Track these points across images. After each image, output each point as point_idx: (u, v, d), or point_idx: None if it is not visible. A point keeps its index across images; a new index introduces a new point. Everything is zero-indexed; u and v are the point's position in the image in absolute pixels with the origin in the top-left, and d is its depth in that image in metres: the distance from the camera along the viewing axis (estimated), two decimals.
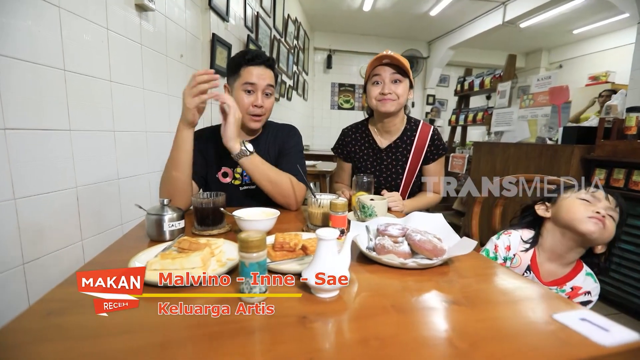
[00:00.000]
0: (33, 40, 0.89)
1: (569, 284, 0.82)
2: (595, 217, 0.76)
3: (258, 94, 1.04)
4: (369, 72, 1.20)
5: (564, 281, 0.83)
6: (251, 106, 1.04)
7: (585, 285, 0.81)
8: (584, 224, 0.77)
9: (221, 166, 1.11)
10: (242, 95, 1.04)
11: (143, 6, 1.33)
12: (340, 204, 0.71)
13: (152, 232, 0.71)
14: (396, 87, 1.16)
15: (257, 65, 1.04)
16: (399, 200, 1.09)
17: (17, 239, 0.88)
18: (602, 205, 0.79)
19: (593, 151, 2.03)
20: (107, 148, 1.21)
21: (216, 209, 0.76)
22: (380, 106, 1.18)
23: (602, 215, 0.76)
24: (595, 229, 0.76)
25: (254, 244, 0.45)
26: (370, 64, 1.19)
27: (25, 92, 0.88)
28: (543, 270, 0.85)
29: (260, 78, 1.03)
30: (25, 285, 0.91)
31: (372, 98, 1.19)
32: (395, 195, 1.09)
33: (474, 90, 3.38)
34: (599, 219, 0.76)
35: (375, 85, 1.19)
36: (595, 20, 4.96)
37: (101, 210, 1.19)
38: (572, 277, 0.82)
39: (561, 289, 0.82)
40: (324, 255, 0.49)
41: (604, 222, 0.76)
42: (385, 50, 1.17)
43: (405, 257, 0.61)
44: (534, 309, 0.47)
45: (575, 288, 0.81)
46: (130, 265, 0.54)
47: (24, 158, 0.88)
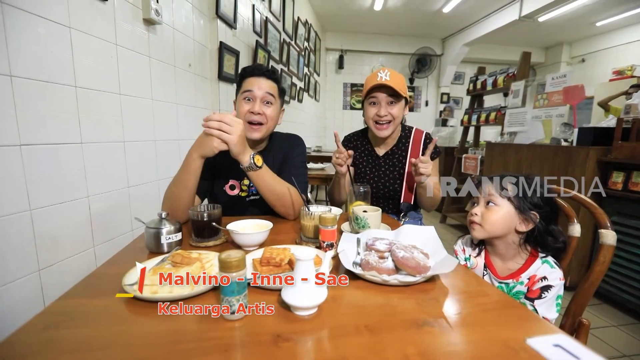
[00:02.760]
0: (46, 60, 0.95)
1: (524, 275, 0.86)
2: (470, 223, 0.90)
3: (256, 101, 1.07)
4: (366, 90, 1.24)
5: (518, 273, 0.86)
6: (248, 112, 1.07)
7: (540, 272, 0.84)
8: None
9: (229, 179, 1.15)
10: (242, 103, 1.08)
11: (151, 20, 1.39)
12: (330, 217, 0.72)
13: (150, 244, 0.75)
14: (392, 108, 1.22)
15: (256, 76, 1.09)
16: (429, 163, 1.13)
17: (32, 247, 0.94)
18: (482, 200, 0.89)
19: (610, 153, 1.95)
20: (117, 158, 1.27)
21: (211, 222, 0.80)
22: (377, 132, 1.26)
23: (471, 219, 0.89)
24: (474, 233, 0.89)
25: (233, 264, 0.48)
26: (368, 82, 1.23)
27: (39, 109, 0.94)
28: (498, 268, 0.91)
29: (258, 87, 1.07)
30: (41, 290, 0.98)
31: (370, 118, 1.26)
32: (425, 158, 1.13)
33: (487, 89, 3.29)
34: (472, 224, 0.89)
35: (372, 105, 1.25)
36: (620, 12, 4.72)
37: (112, 217, 1.25)
38: (526, 268, 0.86)
39: (518, 281, 0.86)
40: (300, 276, 0.50)
41: (473, 228, 0.89)
42: (382, 68, 1.21)
43: (389, 274, 0.62)
44: (508, 332, 0.47)
45: (531, 277, 0.84)
46: (125, 278, 0.58)
47: (39, 171, 0.95)
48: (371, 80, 1.21)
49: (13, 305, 0.88)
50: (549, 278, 0.82)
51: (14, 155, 0.88)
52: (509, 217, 0.85)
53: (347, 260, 0.63)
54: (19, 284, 0.90)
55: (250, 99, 1.08)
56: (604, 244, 0.81)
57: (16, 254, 0.89)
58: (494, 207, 0.86)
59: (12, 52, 0.85)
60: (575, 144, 2.12)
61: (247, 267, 0.65)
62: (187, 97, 1.75)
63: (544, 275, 0.82)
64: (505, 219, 0.85)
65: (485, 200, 0.88)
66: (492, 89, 3.26)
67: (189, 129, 1.76)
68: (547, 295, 0.81)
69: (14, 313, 0.88)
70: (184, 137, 1.71)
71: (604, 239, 0.81)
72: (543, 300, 0.81)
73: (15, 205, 0.89)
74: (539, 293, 0.81)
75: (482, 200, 0.89)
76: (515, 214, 0.84)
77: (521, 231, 0.86)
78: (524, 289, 0.85)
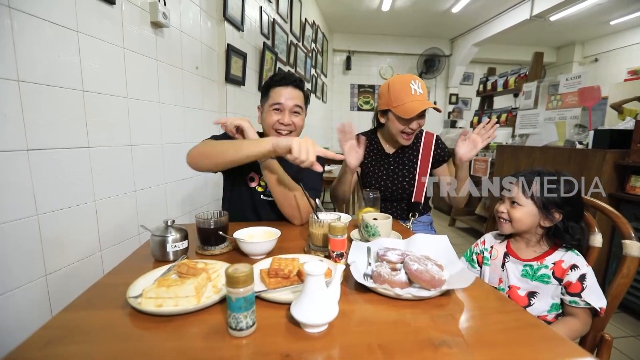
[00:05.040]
0: (53, 64, 0.95)
1: (549, 259, 0.86)
2: (499, 219, 0.93)
3: (285, 112, 1.09)
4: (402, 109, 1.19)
5: (543, 257, 0.88)
6: (277, 123, 1.09)
7: (567, 258, 0.84)
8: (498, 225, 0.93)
9: (250, 171, 1.19)
10: (271, 114, 1.10)
11: (158, 23, 1.38)
12: (340, 227, 0.70)
13: (156, 252, 0.74)
14: (421, 119, 1.22)
15: (284, 86, 1.10)
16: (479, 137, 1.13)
17: (39, 252, 0.94)
18: (507, 199, 0.91)
19: (628, 156, 1.88)
20: (124, 162, 1.26)
21: (218, 229, 0.78)
22: (404, 142, 1.26)
23: (500, 215, 0.92)
24: (503, 228, 0.92)
25: (240, 279, 0.46)
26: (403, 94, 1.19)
27: (46, 114, 0.94)
28: (521, 252, 0.92)
29: (287, 98, 1.09)
30: (48, 296, 0.97)
31: (398, 130, 1.24)
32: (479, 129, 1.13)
33: (498, 90, 3.23)
34: (500, 220, 0.92)
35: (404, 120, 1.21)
36: (635, 10, 4.59)
37: (119, 221, 1.25)
38: (550, 253, 0.87)
39: (542, 264, 0.86)
40: (311, 291, 0.48)
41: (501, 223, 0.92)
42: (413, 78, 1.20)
43: (402, 287, 0.59)
44: (533, 355, 0.44)
45: (557, 263, 0.84)
46: (129, 290, 0.56)
47: (46, 176, 0.94)
48: (408, 95, 1.18)
49: (19, 311, 0.88)
50: (579, 265, 0.81)
51: (22, 161, 0.87)
52: (533, 215, 0.87)
53: (358, 273, 0.61)
54: (26, 289, 0.90)
55: (280, 110, 1.10)
56: (628, 255, 0.77)
57: (23, 259, 0.89)
58: (517, 206, 0.88)
59: (20, 57, 0.85)
60: (590, 147, 2.05)
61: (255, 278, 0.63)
62: (194, 100, 1.74)
63: (574, 262, 0.82)
64: (530, 217, 0.87)
65: (510, 200, 0.90)
66: (503, 90, 3.20)
67: (196, 132, 1.75)
68: (588, 284, 0.79)
69: (19, 319, 0.87)
70: (191, 140, 1.70)
71: (628, 250, 0.77)
72: (588, 291, 0.78)
73: (22, 210, 0.88)
74: (581, 286, 0.79)
75: (507, 198, 0.91)
76: (538, 212, 0.86)
77: (545, 226, 0.88)
78: (549, 272, 0.85)
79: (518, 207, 0.88)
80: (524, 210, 0.87)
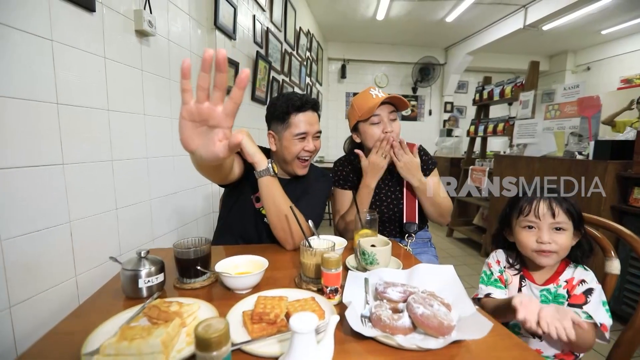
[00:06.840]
0: (25, 76, 0.87)
1: (561, 278, 0.82)
2: (540, 252, 0.78)
3: (309, 139, 1.07)
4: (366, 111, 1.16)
5: (556, 277, 0.83)
6: (302, 150, 1.06)
7: (576, 275, 0.80)
8: (536, 259, 0.80)
9: (257, 190, 1.12)
10: (296, 143, 1.06)
11: (144, 32, 1.31)
12: (334, 260, 0.62)
13: (127, 288, 0.65)
14: (393, 124, 1.18)
15: (304, 111, 1.05)
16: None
17: (2, 281, 0.84)
18: (547, 226, 0.78)
19: (630, 167, 1.84)
20: (104, 179, 1.17)
21: (198, 260, 0.70)
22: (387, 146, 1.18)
23: (545, 247, 0.77)
24: (546, 261, 0.79)
25: (212, 342, 0.37)
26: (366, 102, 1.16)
27: (17, 130, 0.85)
28: (536, 276, 0.86)
29: (310, 125, 1.06)
30: (12, 329, 0.87)
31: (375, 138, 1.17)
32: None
33: (494, 99, 3.20)
34: (544, 253, 0.78)
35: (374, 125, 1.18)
36: (627, 19, 4.65)
37: (97, 243, 1.15)
38: (561, 271, 0.83)
39: (557, 284, 0.82)
40: (299, 350, 0.40)
41: (546, 256, 0.78)
42: (371, 87, 1.20)
43: (405, 333, 0.52)
44: None
45: (569, 280, 0.81)
46: (86, 344, 0.48)
47: (13, 197, 0.85)
48: (370, 100, 1.15)
49: None
50: (587, 280, 0.78)
51: None
52: (572, 236, 0.79)
53: (355, 318, 0.53)
54: None
55: (304, 138, 1.07)
56: None
57: None
58: (563, 231, 0.78)
59: None
60: (591, 158, 2.01)
61: (236, 323, 0.55)
62: None
63: (582, 278, 0.79)
64: (570, 239, 0.79)
65: (552, 225, 0.78)
66: (499, 99, 3.17)
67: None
68: (592, 299, 0.74)
69: None
70: (179, 153, 1.62)
71: None
72: (591, 304, 0.73)
73: None
74: (584, 298, 0.74)
75: (544, 224, 0.78)
76: (573, 231, 0.79)
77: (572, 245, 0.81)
78: (563, 291, 0.81)
79: (563, 233, 0.78)
80: (568, 234, 0.78)
